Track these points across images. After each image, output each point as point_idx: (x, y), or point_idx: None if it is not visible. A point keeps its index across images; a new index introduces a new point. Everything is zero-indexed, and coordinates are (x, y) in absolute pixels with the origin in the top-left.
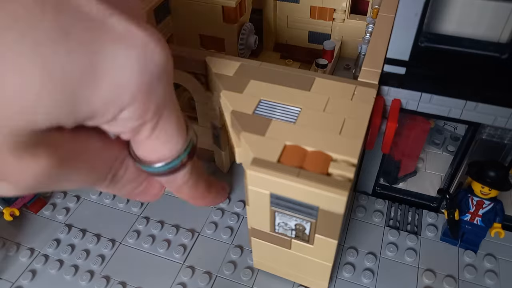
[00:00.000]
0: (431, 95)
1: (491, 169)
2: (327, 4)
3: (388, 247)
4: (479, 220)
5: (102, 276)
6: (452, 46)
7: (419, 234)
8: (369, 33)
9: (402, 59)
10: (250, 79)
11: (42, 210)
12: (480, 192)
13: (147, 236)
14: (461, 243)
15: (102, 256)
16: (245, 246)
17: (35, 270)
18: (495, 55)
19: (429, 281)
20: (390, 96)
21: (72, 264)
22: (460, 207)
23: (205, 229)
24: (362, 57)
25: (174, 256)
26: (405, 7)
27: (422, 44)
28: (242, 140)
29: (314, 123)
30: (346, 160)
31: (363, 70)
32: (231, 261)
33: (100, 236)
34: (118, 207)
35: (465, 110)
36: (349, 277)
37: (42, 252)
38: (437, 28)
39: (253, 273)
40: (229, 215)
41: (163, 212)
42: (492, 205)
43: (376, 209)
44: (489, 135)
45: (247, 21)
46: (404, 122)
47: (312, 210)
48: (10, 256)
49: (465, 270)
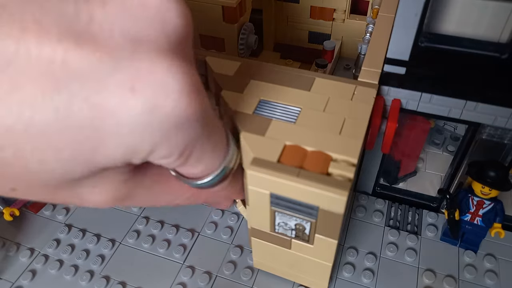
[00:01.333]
0: (431, 95)
1: (491, 169)
2: (327, 4)
3: (388, 247)
4: (479, 220)
5: (102, 276)
6: (452, 46)
7: (419, 234)
8: (369, 33)
9: (402, 59)
10: (250, 79)
11: (42, 210)
12: (481, 192)
13: (147, 236)
14: (461, 243)
15: (102, 256)
16: (245, 246)
17: (35, 270)
18: (495, 55)
19: (429, 281)
20: (390, 96)
21: (72, 264)
22: (460, 207)
23: (205, 229)
24: (362, 57)
25: (174, 256)
26: (405, 7)
27: (422, 44)
28: (242, 140)
29: (314, 123)
30: (346, 160)
31: (363, 70)
32: (231, 261)
33: (100, 236)
34: (118, 207)
35: (465, 110)
36: (349, 277)
37: (42, 252)
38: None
39: (253, 273)
40: (229, 215)
41: (163, 212)
42: (492, 205)
43: (376, 209)
44: (489, 135)
45: (247, 21)
46: (404, 122)
47: (312, 210)
48: (10, 256)
49: (465, 270)
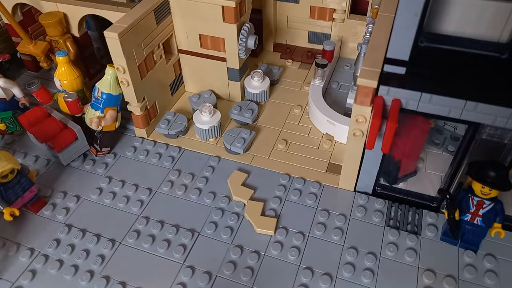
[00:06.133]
0: (431, 95)
1: (491, 169)
2: (327, 4)
3: (388, 247)
4: (479, 220)
5: (102, 276)
6: (452, 46)
7: (419, 234)
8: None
9: (402, 59)
10: None
11: (42, 210)
12: (481, 192)
13: (147, 236)
14: (461, 243)
15: (102, 256)
16: (245, 246)
17: (35, 270)
18: (495, 55)
19: (429, 281)
20: (390, 96)
21: (72, 264)
22: (461, 207)
23: (205, 229)
24: (361, 57)
25: (174, 256)
26: (405, 7)
27: (422, 44)
28: None
29: None
30: None
31: (363, 69)
32: (231, 261)
33: (100, 236)
34: (118, 207)
35: (465, 110)
36: (349, 277)
37: (42, 252)
38: (437, 28)
39: (253, 273)
40: (229, 215)
41: (163, 212)
42: (492, 205)
43: (376, 209)
44: (489, 135)
45: (247, 21)
46: (404, 122)
47: None
48: (10, 256)
49: (465, 270)
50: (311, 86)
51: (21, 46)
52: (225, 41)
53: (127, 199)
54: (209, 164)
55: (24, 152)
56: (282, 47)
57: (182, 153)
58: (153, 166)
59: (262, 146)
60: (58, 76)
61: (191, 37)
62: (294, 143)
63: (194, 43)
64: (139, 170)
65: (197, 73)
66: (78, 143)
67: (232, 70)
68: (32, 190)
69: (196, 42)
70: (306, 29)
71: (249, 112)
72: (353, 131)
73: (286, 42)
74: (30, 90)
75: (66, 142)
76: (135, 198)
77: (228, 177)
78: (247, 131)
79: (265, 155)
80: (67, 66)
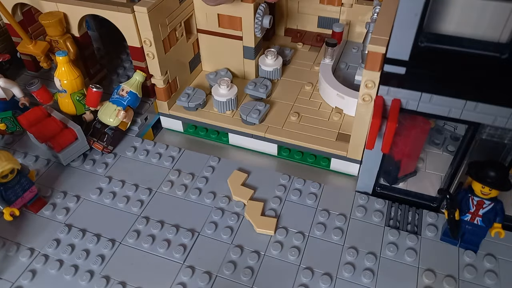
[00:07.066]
0: (431, 95)
1: (491, 169)
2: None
3: (388, 247)
4: (479, 220)
5: (102, 276)
6: (452, 46)
7: (419, 234)
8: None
9: (402, 59)
10: None
11: (42, 210)
12: (481, 192)
13: (147, 236)
14: (461, 243)
15: (102, 256)
16: (245, 246)
17: (35, 270)
18: (495, 55)
19: (429, 281)
20: (390, 96)
21: (72, 264)
22: (461, 207)
23: (205, 229)
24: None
25: (174, 256)
26: (405, 7)
27: (422, 44)
28: None
29: None
30: None
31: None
32: (231, 261)
33: (100, 236)
34: (118, 207)
35: (465, 110)
36: (349, 277)
37: (42, 252)
38: (437, 28)
39: (253, 273)
40: (229, 215)
41: (163, 212)
42: (492, 205)
43: (376, 209)
44: (489, 135)
45: (263, 1)
46: (404, 122)
47: None
48: (10, 256)
49: (465, 270)
50: (321, 65)
51: (21, 46)
52: (242, 20)
53: (127, 199)
54: (209, 164)
55: (24, 152)
56: (292, 32)
57: (182, 153)
58: (153, 166)
59: (276, 118)
60: (58, 76)
61: (210, 16)
62: (306, 115)
63: (212, 23)
64: (139, 170)
65: (214, 51)
66: (78, 143)
67: (247, 48)
68: (32, 190)
69: (215, 22)
70: (316, 14)
71: (264, 88)
72: (363, 96)
73: (296, 27)
74: (30, 90)
75: (66, 142)
76: (135, 198)
77: (228, 177)
78: (262, 104)
79: (278, 126)
80: (67, 66)
